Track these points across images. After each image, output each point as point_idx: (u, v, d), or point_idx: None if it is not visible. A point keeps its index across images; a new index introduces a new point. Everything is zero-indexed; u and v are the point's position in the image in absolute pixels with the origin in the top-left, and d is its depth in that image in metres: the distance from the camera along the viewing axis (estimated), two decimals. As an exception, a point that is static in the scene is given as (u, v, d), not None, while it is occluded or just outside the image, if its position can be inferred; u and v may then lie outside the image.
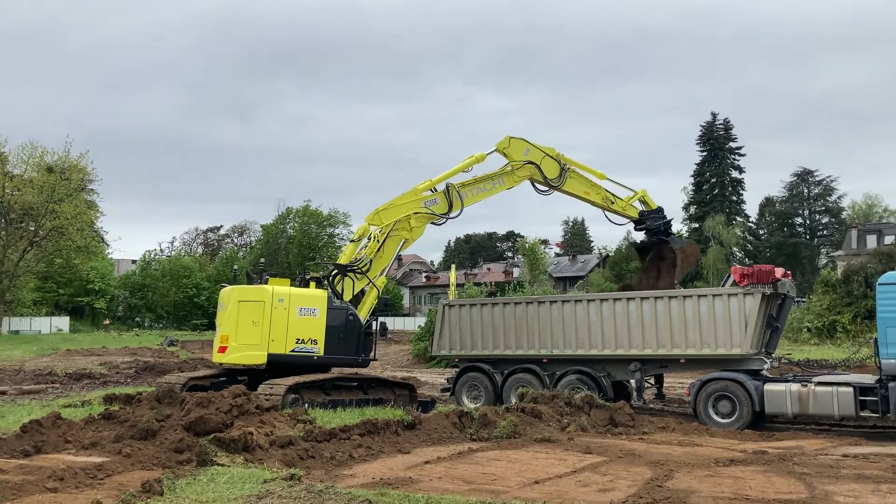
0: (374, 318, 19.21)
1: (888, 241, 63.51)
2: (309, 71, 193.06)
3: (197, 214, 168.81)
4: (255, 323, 17.26)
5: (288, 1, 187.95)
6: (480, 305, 21.07)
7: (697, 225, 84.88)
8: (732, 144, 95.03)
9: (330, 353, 17.89)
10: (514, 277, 79.50)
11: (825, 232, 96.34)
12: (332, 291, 18.57)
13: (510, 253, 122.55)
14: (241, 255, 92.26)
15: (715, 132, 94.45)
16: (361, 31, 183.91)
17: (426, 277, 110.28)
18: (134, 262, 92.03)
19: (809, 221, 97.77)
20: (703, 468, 11.10)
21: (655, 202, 22.61)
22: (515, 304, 20.57)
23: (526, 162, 20.99)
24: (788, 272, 18.47)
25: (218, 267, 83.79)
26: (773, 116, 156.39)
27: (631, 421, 15.38)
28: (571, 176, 21.61)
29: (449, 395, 20.93)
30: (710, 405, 16.60)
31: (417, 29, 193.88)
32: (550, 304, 19.90)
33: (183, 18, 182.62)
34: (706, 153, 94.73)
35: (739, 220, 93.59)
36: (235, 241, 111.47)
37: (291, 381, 16.51)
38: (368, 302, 19.26)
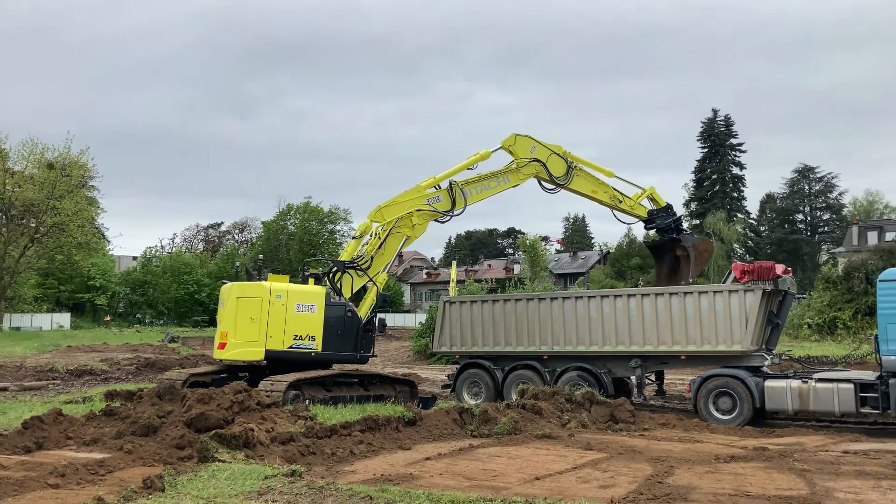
0: (374, 314, 19.21)
1: (889, 237, 63.46)
2: (310, 67, 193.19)
3: (198, 211, 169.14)
4: (252, 319, 17.27)
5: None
6: (481, 302, 21.08)
7: (698, 221, 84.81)
8: (733, 141, 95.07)
9: (328, 349, 17.90)
10: (514, 274, 79.53)
11: (826, 228, 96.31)
12: (332, 288, 18.57)
13: (511, 249, 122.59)
14: (241, 251, 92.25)
15: (716, 129, 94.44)
16: (362, 26, 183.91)
17: (427, 274, 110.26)
18: (135, 258, 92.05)
19: (810, 218, 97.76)
20: (703, 465, 11.11)
21: (661, 197, 22.32)
22: (516, 300, 20.58)
23: (531, 160, 20.74)
24: (789, 269, 18.48)
25: (219, 263, 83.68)
26: (773, 113, 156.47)
27: (631, 417, 15.39)
28: (578, 174, 21.34)
29: (450, 391, 20.96)
30: (710, 402, 16.61)
31: (418, 25, 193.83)
32: (551, 300, 19.90)
33: (184, 14, 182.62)
34: (707, 149, 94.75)
35: (740, 216, 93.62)
36: (236, 237, 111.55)
37: (292, 377, 16.53)
38: (369, 299, 19.24)
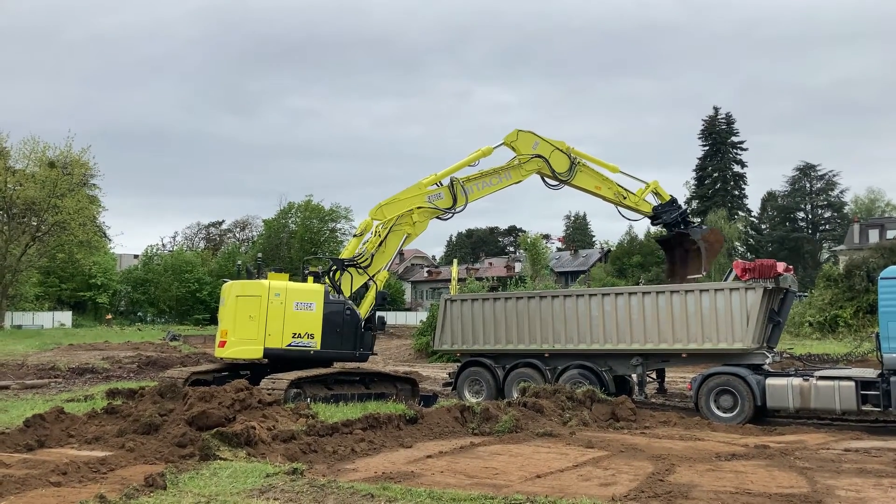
0: (374, 312, 19.18)
1: (890, 235, 63.46)
2: (311, 65, 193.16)
3: (199, 209, 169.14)
4: (251, 317, 17.31)
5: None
6: (482, 300, 21.07)
7: (699, 219, 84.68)
8: (734, 139, 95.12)
9: (327, 347, 17.90)
10: (515, 272, 79.59)
11: (827, 226, 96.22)
12: (332, 286, 18.55)
13: (512, 248, 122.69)
14: (243, 249, 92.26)
15: (717, 126, 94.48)
16: (363, 25, 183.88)
17: (428, 272, 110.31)
18: (136, 256, 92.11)
19: (811, 216, 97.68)
20: (704, 462, 11.11)
21: (665, 190, 22.00)
22: (517, 298, 20.57)
23: (534, 156, 20.55)
24: (790, 267, 18.45)
25: (220, 262, 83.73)
26: (775, 110, 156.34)
27: (632, 415, 15.38)
28: (582, 170, 21.10)
29: (451, 389, 20.96)
30: (711, 399, 16.60)
31: (419, 23, 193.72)
32: (552, 298, 19.89)
33: (185, 12, 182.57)
34: (708, 147, 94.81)
35: (741, 214, 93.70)
36: (237, 235, 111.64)
37: (294, 375, 16.56)
38: (369, 297, 19.23)
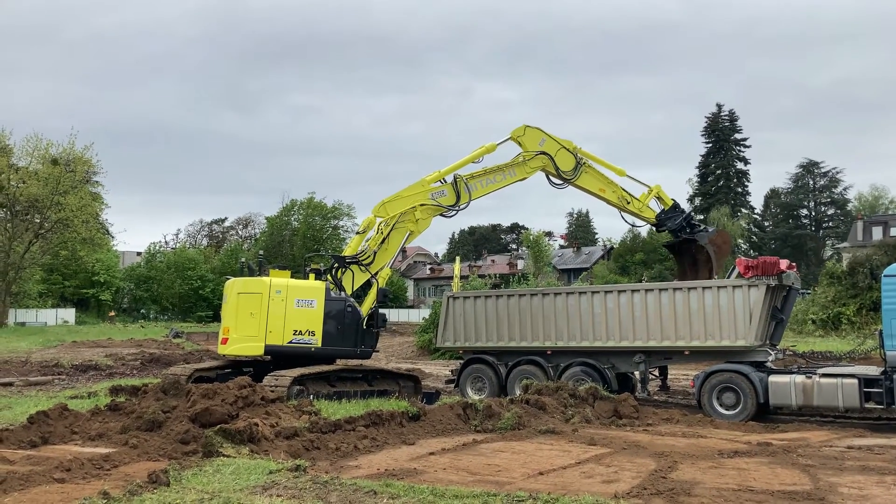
0: (376, 309, 19.17)
1: (894, 232, 63.35)
2: (312, 62, 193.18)
3: (201, 206, 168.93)
4: (253, 315, 17.35)
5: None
6: (485, 297, 21.07)
7: (702, 216, 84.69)
8: (738, 136, 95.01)
9: (327, 344, 17.92)
10: (518, 269, 79.60)
11: (830, 223, 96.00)
12: (334, 283, 18.55)
13: (514, 245, 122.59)
14: (245, 247, 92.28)
15: (720, 123, 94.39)
16: (365, 21, 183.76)
17: (430, 269, 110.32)
18: (139, 254, 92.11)
19: (815, 213, 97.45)
20: (707, 460, 11.11)
21: (667, 195, 21.68)
22: (520, 295, 20.56)
23: (538, 153, 20.44)
24: (793, 264, 18.42)
25: (223, 259, 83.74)
26: (778, 108, 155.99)
27: (635, 413, 15.39)
28: (587, 171, 20.95)
29: (453, 386, 20.95)
30: (714, 397, 16.59)
31: (421, 20, 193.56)
32: (555, 295, 19.89)
33: (185, 11, 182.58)
34: (711, 145, 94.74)
35: (744, 211, 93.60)
36: (240, 233, 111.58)
37: (297, 372, 16.58)
38: (371, 294, 19.23)
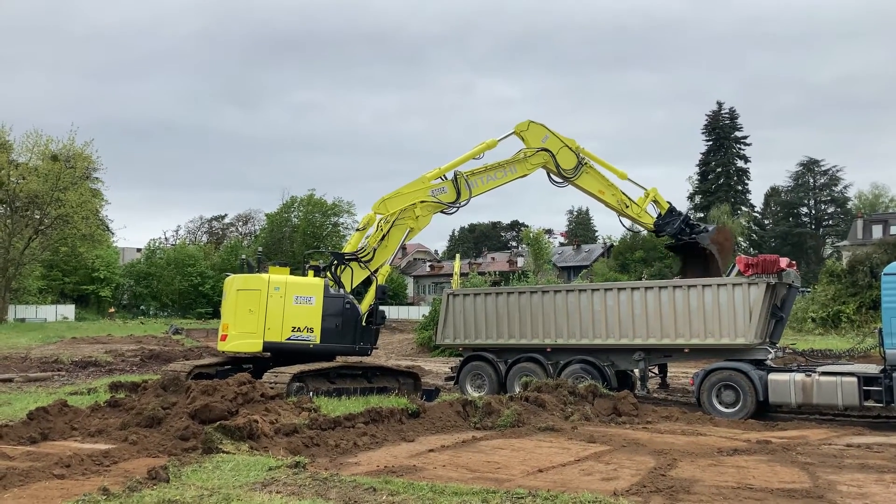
0: (375, 306, 19.16)
1: (894, 231, 63.35)
2: (313, 59, 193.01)
3: (201, 203, 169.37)
4: (251, 311, 17.33)
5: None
6: (485, 295, 21.08)
7: (702, 214, 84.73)
8: (738, 134, 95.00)
9: (326, 341, 17.89)
10: (518, 267, 79.58)
11: (830, 222, 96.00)
12: (333, 280, 18.53)
13: (514, 242, 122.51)
14: (245, 243, 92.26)
15: (721, 121, 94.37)
16: (366, 18, 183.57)
17: (430, 266, 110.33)
18: (139, 250, 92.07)
19: (815, 211, 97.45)
20: (706, 457, 11.12)
21: (663, 198, 21.60)
22: (519, 293, 20.56)
23: (540, 149, 20.34)
24: (793, 262, 18.44)
25: (222, 255, 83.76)
26: (779, 106, 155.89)
27: (634, 410, 15.41)
28: (588, 171, 20.85)
29: (453, 383, 20.98)
30: (713, 395, 16.62)
31: (422, 16, 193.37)
32: (555, 293, 19.89)
33: (185, 7, 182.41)
34: (712, 142, 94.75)
35: (745, 209, 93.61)
36: (240, 229, 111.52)
37: (296, 369, 16.57)
38: (371, 291, 19.20)
